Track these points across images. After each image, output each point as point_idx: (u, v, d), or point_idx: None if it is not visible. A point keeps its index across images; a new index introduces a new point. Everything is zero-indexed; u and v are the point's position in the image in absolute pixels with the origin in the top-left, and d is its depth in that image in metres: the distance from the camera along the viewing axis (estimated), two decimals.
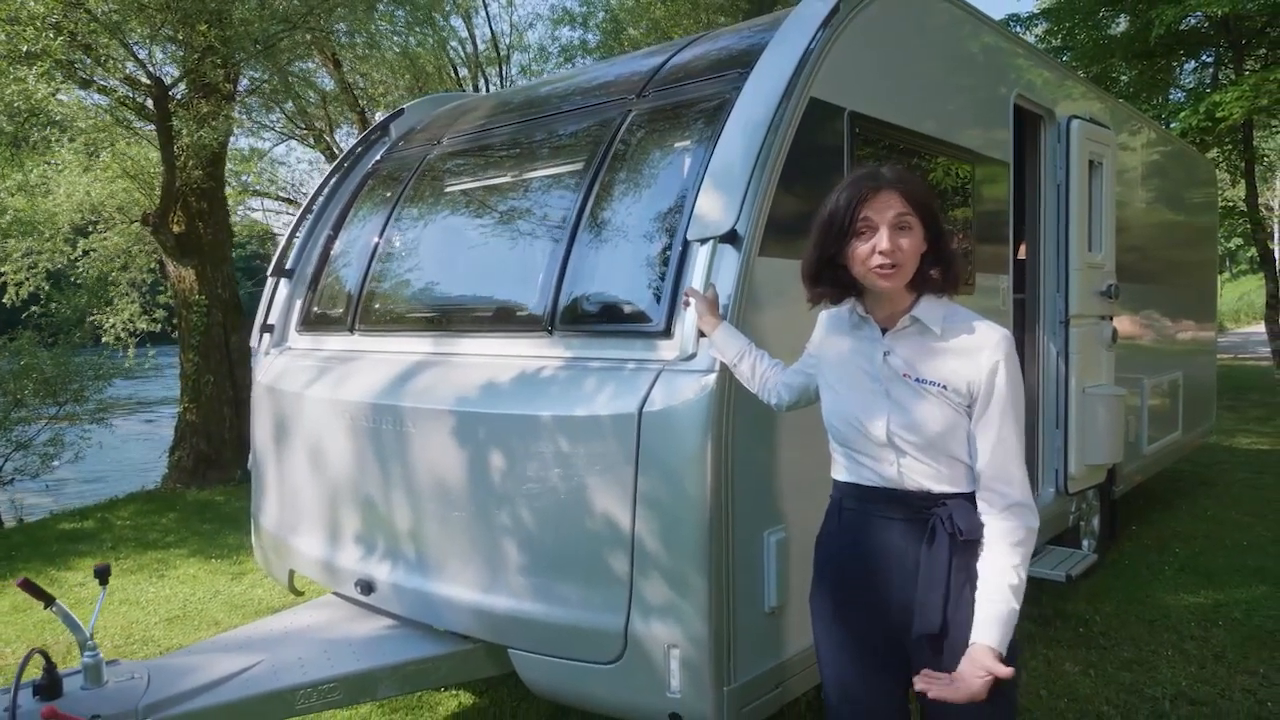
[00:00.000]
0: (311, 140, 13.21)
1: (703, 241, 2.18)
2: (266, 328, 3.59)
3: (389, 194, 3.48)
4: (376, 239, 3.31)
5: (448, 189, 3.27)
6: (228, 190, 9.56)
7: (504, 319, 2.72)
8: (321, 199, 3.76)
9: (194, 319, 8.20)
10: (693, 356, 2.14)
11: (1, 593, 5.07)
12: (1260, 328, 18.44)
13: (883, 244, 1.54)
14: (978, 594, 1.53)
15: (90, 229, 10.21)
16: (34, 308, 9.31)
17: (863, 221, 1.56)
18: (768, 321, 2.23)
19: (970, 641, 1.51)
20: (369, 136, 3.91)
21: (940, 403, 1.57)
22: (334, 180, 3.80)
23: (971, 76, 3.33)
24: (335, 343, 3.29)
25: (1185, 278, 5.90)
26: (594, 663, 2.21)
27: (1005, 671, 1.47)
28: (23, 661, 1.95)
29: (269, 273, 3.67)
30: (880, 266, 1.55)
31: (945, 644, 1.57)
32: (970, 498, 1.58)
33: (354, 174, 3.81)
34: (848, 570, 1.69)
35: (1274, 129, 12.45)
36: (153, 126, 7.85)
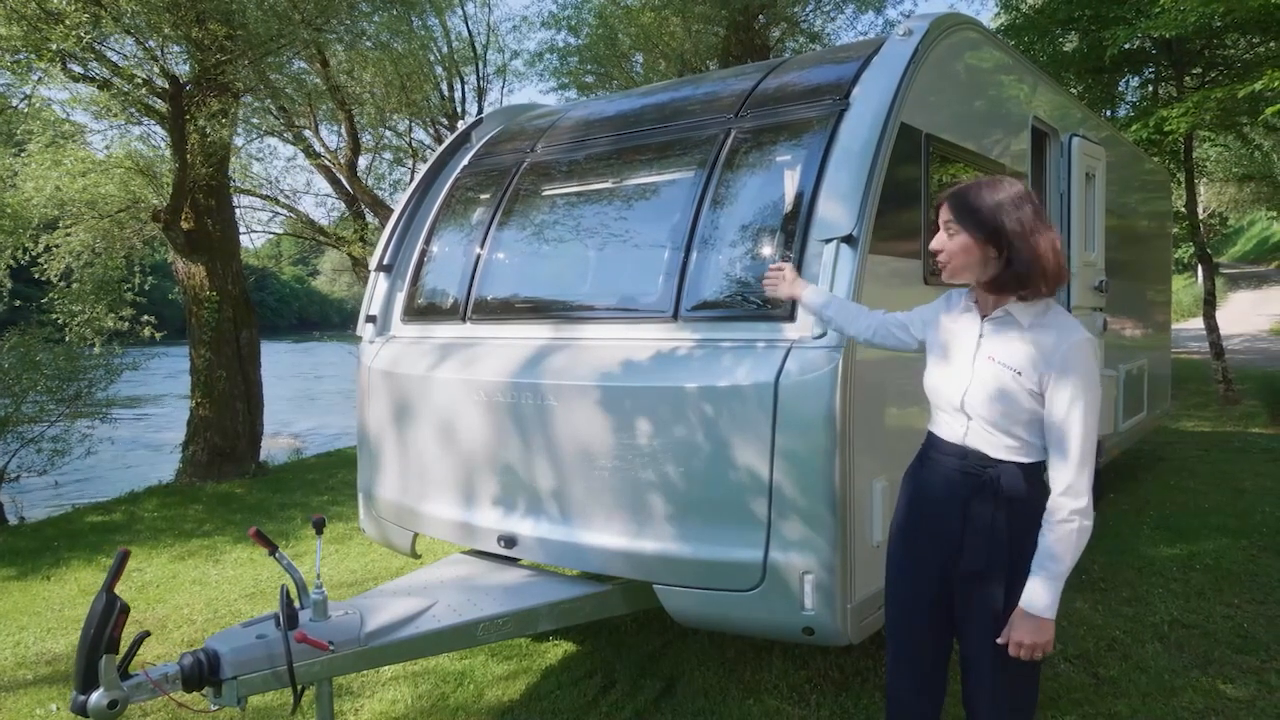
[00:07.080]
0: (290, 137, 13.24)
1: (826, 241, 2.65)
2: (370, 318, 3.92)
3: (486, 195, 3.85)
4: (482, 235, 3.68)
5: (550, 192, 3.66)
6: None
7: (626, 307, 3.14)
8: (413, 201, 4.10)
9: (204, 315, 8.31)
10: (822, 335, 2.60)
11: (63, 580, 5.24)
12: (1187, 324, 19.90)
13: (933, 242, 1.93)
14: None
15: (58, 224, 10.05)
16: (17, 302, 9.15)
17: (937, 224, 1.94)
18: (876, 305, 2.70)
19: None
20: (454, 143, 4.26)
21: (1013, 385, 1.81)
22: (422, 183, 4.14)
23: (1004, 102, 3.89)
24: (447, 330, 3.65)
25: (1148, 276, 6.64)
26: (736, 590, 2.66)
27: (1008, 638, 1.80)
28: (282, 595, 2.30)
29: (371, 269, 4.00)
30: (937, 261, 1.93)
31: (986, 582, 1.88)
32: (1025, 467, 1.85)
33: (442, 177, 4.16)
34: (916, 503, 2.02)
35: (1212, 141, 13.59)
36: (142, 120, 7.89)
